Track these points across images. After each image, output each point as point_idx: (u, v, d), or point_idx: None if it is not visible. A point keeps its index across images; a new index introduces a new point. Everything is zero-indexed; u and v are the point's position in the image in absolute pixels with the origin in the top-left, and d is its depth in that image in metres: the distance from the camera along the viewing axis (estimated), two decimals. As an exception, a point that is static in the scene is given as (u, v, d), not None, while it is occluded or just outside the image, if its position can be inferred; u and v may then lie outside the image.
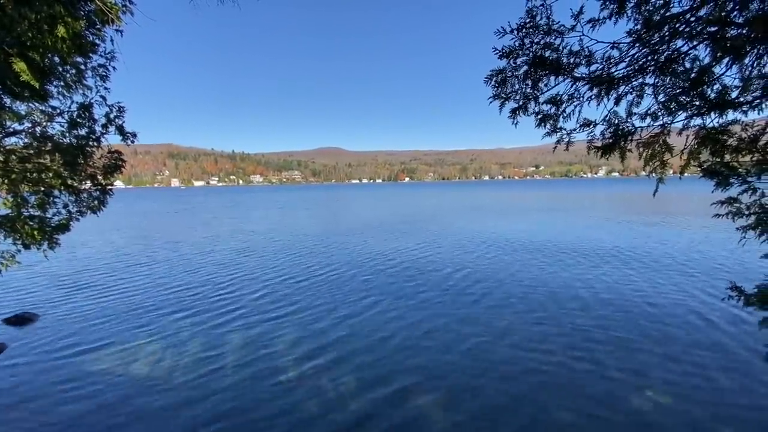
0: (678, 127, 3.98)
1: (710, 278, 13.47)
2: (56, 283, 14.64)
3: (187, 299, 12.38)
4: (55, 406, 6.72)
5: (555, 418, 6.13)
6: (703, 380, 7.08)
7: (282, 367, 7.89)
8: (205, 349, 8.73)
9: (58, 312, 11.33)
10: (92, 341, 9.27)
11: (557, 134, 4.04)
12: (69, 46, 4.04)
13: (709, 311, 10.33)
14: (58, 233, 7.12)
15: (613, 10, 3.53)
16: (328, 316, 10.62)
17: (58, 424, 6.25)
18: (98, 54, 6.01)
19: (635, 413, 6.19)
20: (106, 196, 7.44)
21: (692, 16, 3.42)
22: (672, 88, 3.76)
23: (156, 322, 10.43)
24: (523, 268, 15.56)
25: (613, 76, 3.72)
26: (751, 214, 4.28)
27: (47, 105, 6.17)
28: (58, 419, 6.37)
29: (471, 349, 8.49)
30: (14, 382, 7.54)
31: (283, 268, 16.69)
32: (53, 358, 8.50)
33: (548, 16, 3.64)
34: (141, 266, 17.59)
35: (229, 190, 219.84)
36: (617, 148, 4.00)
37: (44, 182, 6.70)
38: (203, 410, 6.48)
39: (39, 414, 6.53)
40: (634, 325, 9.57)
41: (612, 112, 3.92)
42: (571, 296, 11.85)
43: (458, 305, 11.31)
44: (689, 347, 8.36)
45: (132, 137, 6.87)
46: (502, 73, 3.86)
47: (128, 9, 5.30)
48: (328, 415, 6.29)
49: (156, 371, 7.80)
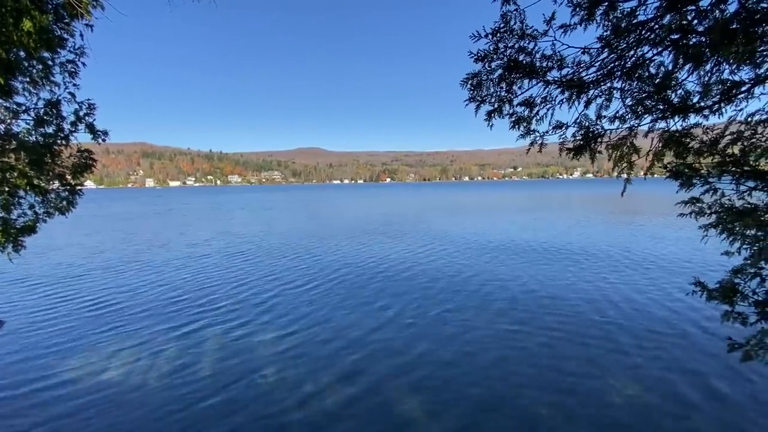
0: (644, 130, 4.15)
1: (675, 274, 14.06)
2: (23, 288, 14.02)
3: (161, 304, 12.07)
4: (18, 412, 6.45)
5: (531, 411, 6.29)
6: (669, 374, 7.39)
7: (264, 371, 7.80)
8: (178, 356, 8.53)
9: (25, 317, 10.86)
10: (59, 346, 8.93)
11: (531, 136, 4.15)
12: (35, 40, 3.89)
13: (676, 305, 10.78)
14: (24, 235, 6.82)
15: (583, 17, 3.65)
16: (321, 319, 10.56)
17: (21, 428, 6.01)
18: (67, 49, 5.80)
19: (597, 403, 6.41)
20: (75, 196, 7.17)
21: (656, 24, 3.58)
22: (638, 92, 3.92)
23: (127, 327, 10.13)
24: (501, 266, 15.87)
25: (584, 80, 3.86)
26: (712, 213, 4.49)
27: (12, 102, 5.91)
28: (22, 424, 6.12)
29: (454, 346, 8.61)
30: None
31: (265, 275, 16.48)
32: (18, 363, 8.15)
33: (522, 20, 3.74)
34: (113, 270, 17.05)
35: (206, 190, 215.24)
36: (588, 149, 4.14)
37: (8, 182, 6.41)
38: (173, 415, 6.34)
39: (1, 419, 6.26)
40: (596, 320, 9.91)
41: (582, 114, 4.06)
42: (545, 294, 12.17)
43: (441, 304, 11.45)
44: (656, 340, 8.70)
45: (103, 135, 6.65)
46: (477, 76, 3.93)
47: (99, 3, 5.14)
48: (310, 416, 6.26)
49: (127, 378, 7.60)
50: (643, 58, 3.72)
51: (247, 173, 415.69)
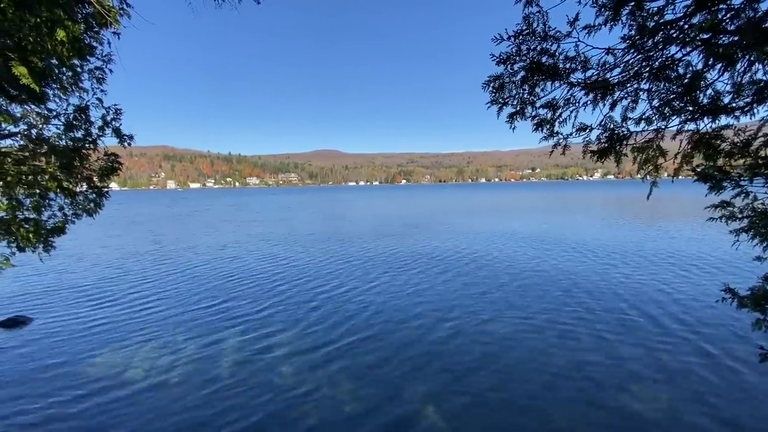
0: (671, 132, 4.04)
1: (705, 280, 13.60)
2: (50, 287, 14.53)
3: (190, 307, 12.29)
4: (43, 408, 6.68)
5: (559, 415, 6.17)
6: (697, 380, 7.15)
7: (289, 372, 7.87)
8: (202, 358, 8.64)
9: (52, 315, 11.25)
10: (84, 345, 9.21)
11: (554, 138, 4.09)
12: (68, 49, 4.04)
13: (704, 312, 10.42)
14: (54, 236, 7.08)
15: (608, 17, 3.58)
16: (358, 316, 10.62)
17: (49, 425, 6.21)
18: (95, 57, 6.00)
19: (622, 411, 6.23)
20: (102, 198, 7.40)
21: (686, 23, 3.48)
22: (666, 93, 3.81)
23: (153, 329, 10.34)
24: (534, 263, 15.66)
25: (609, 82, 3.77)
26: (743, 218, 4.33)
27: (43, 107, 6.15)
28: (50, 420, 6.33)
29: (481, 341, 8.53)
30: (5, 383, 7.49)
31: (297, 276, 16.65)
32: (44, 360, 8.44)
33: (545, 22, 3.69)
34: (139, 272, 17.50)
35: (226, 191, 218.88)
36: (613, 152, 4.05)
37: (40, 185, 6.67)
38: (195, 414, 6.46)
39: (30, 413, 6.49)
40: (623, 323, 9.65)
41: (607, 116, 3.97)
42: (570, 292, 11.94)
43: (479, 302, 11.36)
44: (685, 347, 8.43)
45: (128, 139, 6.85)
46: (499, 78, 3.90)
47: (126, 12, 5.30)
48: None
49: (150, 377, 7.76)
50: (671, 58, 3.61)
51: (265, 175, 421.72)
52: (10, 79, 4.03)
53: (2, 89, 4.67)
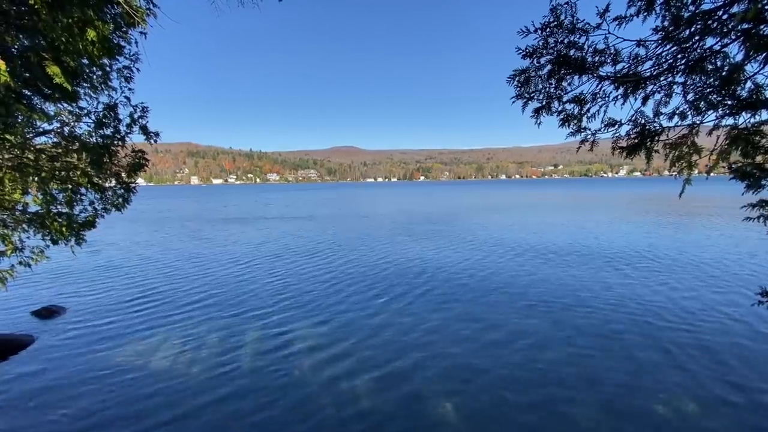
0: (706, 127, 3.86)
1: (741, 282, 13.04)
2: (83, 278, 15.10)
3: (221, 298, 12.54)
4: (80, 395, 6.93)
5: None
6: (730, 386, 6.87)
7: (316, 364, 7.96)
8: (231, 346, 8.82)
9: (84, 305, 11.69)
10: (117, 332, 9.54)
11: (581, 134, 3.96)
12: (98, 48, 4.16)
13: (740, 315, 10.00)
14: (85, 229, 7.37)
15: (641, 7, 3.43)
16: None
17: (84, 411, 6.46)
18: (123, 56, 6.17)
19: (652, 416, 6.04)
20: (130, 193, 7.65)
21: (725, 12, 3.31)
22: (702, 86, 3.64)
23: (184, 317, 10.61)
24: (558, 270, 15.36)
25: (640, 75, 3.63)
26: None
27: (75, 106, 6.37)
28: (84, 406, 6.57)
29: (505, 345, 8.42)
30: (42, 370, 7.82)
31: (326, 272, 16.83)
32: (79, 348, 8.78)
33: (573, 14, 3.57)
34: (170, 265, 18.01)
35: (247, 188, 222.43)
36: (643, 148, 3.90)
37: (72, 180, 6.94)
38: (229, 400, 6.62)
39: (65, 401, 6.76)
40: (657, 327, 9.35)
41: (638, 111, 3.82)
42: (596, 296, 11.64)
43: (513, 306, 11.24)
44: (719, 351, 8.11)
45: (155, 136, 7.03)
46: (525, 72, 3.80)
47: (152, 12, 5.42)
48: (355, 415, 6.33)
49: (179, 364, 7.97)
50: (708, 50, 3.44)
51: (285, 172, 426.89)
52: (44, 79, 4.18)
53: (37, 88, 4.85)
